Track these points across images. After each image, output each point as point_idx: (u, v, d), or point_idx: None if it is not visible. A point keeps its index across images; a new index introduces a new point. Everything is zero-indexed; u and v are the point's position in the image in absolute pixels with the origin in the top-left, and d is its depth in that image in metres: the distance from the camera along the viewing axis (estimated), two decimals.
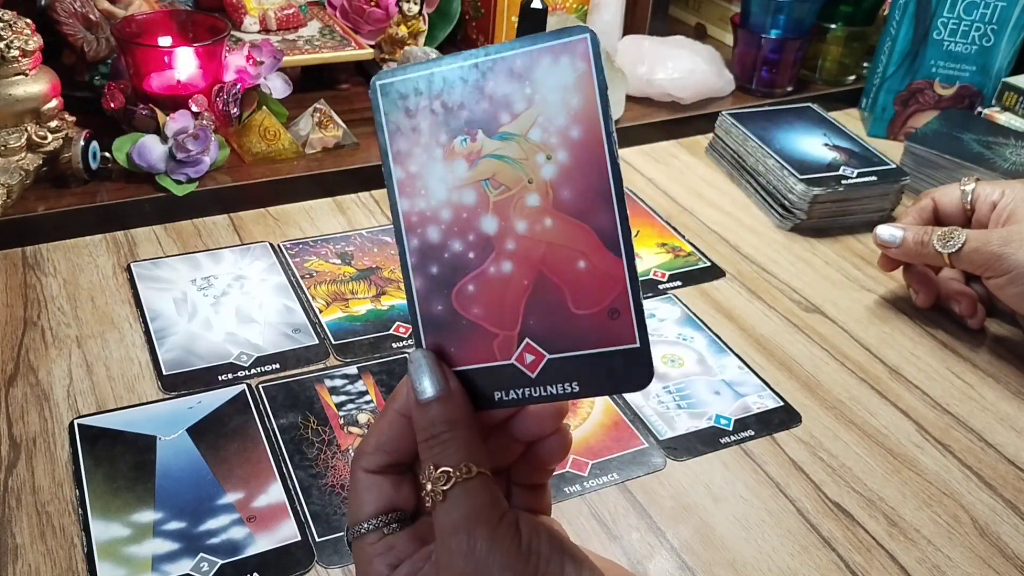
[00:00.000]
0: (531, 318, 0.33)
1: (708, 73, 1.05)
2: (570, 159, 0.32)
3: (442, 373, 0.34)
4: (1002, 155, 0.89)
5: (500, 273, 0.33)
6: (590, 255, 0.32)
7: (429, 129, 0.33)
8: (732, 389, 0.65)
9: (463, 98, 0.33)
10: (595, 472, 0.57)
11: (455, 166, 0.33)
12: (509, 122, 0.32)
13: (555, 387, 0.33)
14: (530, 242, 0.33)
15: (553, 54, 0.31)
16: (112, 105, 0.83)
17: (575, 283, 0.33)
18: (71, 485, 0.53)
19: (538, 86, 0.32)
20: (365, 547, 0.35)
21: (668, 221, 0.85)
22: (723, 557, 0.52)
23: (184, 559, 0.49)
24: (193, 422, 0.58)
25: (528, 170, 0.32)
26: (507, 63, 0.32)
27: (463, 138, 0.33)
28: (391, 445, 0.36)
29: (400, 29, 1.04)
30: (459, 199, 0.33)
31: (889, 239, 0.72)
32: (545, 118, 0.32)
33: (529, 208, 0.33)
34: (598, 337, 0.32)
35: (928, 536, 0.54)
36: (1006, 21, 0.96)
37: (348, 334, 0.67)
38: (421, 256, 0.34)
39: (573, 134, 0.32)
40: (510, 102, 0.32)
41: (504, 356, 0.34)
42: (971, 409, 0.65)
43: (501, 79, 0.32)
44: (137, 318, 0.67)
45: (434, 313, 0.34)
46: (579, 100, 0.31)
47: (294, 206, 0.82)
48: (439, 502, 0.32)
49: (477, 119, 0.33)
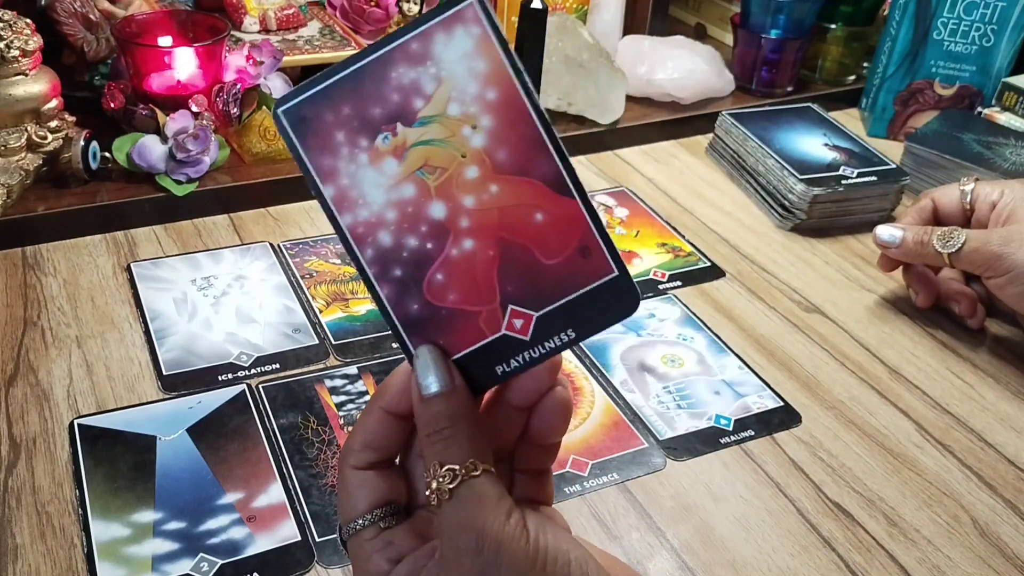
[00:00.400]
0: (507, 285, 0.33)
1: (708, 73, 1.05)
2: (495, 122, 0.32)
3: (447, 369, 0.34)
4: (1002, 155, 0.89)
5: (463, 252, 0.33)
6: (544, 205, 0.32)
7: (347, 138, 0.33)
8: (732, 389, 0.65)
9: (371, 97, 0.32)
10: (595, 472, 0.57)
11: (385, 165, 0.33)
12: (424, 106, 0.32)
13: (552, 340, 0.33)
14: (482, 213, 0.33)
15: (445, 28, 0.31)
16: (112, 105, 0.83)
17: (538, 236, 0.32)
18: (71, 485, 0.53)
19: (441, 62, 0.31)
20: (362, 543, 0.35)
21: (668, 221, 0.85)
22: (723, 557, 0.52)
23: (184, 559, 0.49)
24: (193, 422, 0.58)
25: (458, 146, 0.32)
26: (403, 50, 0.31)
27: (384, 136, 0.32)
28: (378, 442, 0.35)
29: None
30: (399, 196, 0.33)
31: (889, 239, 0.72)
32: (458, 91, 0.31)
33: (471, 181, 0.32)
34: (577, 279, 0.33)
35: (928, 536, 0.54)
36: (1006, 21, 0.96)
37: (348, 334, 0.67)
38: (380, 264, 0.34)
39: (490, 97, 0.31)
40: (419, 86, 0.32)
41: (493, 330, 0.34)
42: (971, 409, 0.65)
43: (403, 67, 0.32)
44: (137, 318, 0.67)
45: (411, 314, 0.34)
46: (485, 63, 0.31)
47: (294, 206, 0.82)
48: (445, 500, 0.32)
49: (392, 113, 0.32)
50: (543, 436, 0.36)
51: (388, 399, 0.35)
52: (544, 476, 0.38)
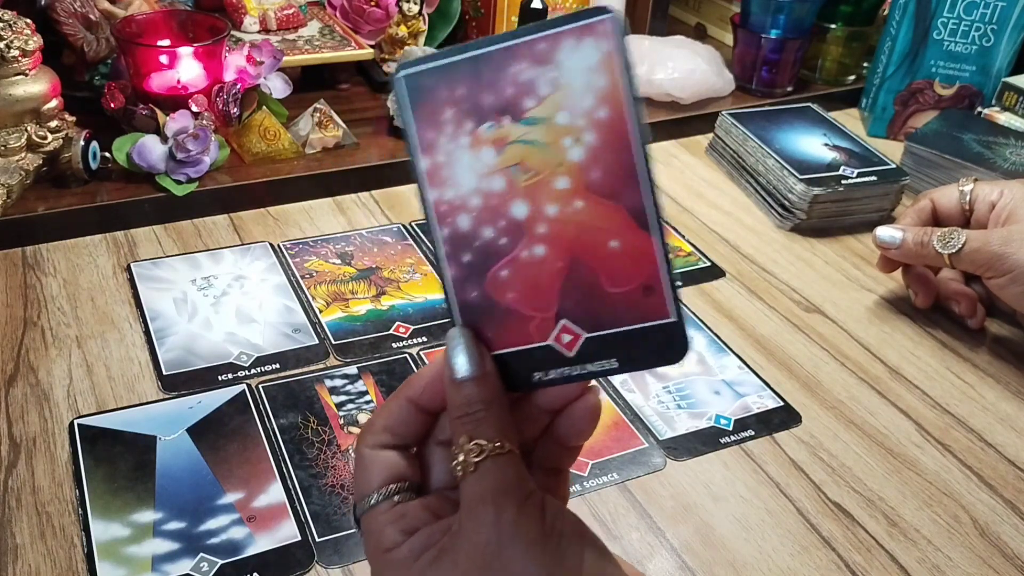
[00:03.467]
0: (566, 299, 0.33)
1: (708, 73, 1.05)
2: (598, 140, 0.32)
3: (479, 352, 0.34)
4: (1002, 155, 0.89)
5: (533, 257, 0.33)
6: (622, 234, 0.32)
7: (455, 118, 0.33)
8: (732, 389, 0.65)
9: (488, 85, 0.33)
10: (595, 472, 0.57)
11: (483, 153, 0.33)
12: (535, 106, 0.32)
13: (593, 365, 0.34)
14: (562, 224, 0.33)
15: (576, 36, 0.31)
16: (112, 105, 0.83)
17: (608, 262, 0.33)
18: (71, 485, 0.53)
19: (562, 69, 0.31)
20: (376, 516, 0.35)
21: (668, 221, 0.85)
22: (723, 557, 0.52)
23: (184, 559, 0.49)
24: (193, 422, 0.58)
25: (557, 153, 0.32)
26: (530, 47, 0.32)
27: (490, 125, 0.33)
28: (399, 428, 0.36)
29: (400, 29, 1.04)
30: (488, 186, 0.33)
31: (889, 240, 0.72)
32: (571, 101, 0.32)
33: (559, 191, 0.33)
34: (633, 314, 0.33)
35: (928, 536, 0.54)
36: (1006, 21, 0.96)
37: (348, 334, 0.67)
38: (453, 245, 0.34)
39: (600, 115, 0.31)
40: (535, 86, 0.32)
41: (541, 337, 0.34)
42: (971, 409, 0.65)
43: (525, 64, 0.32)
44: (137, 318, 0.67)
45: (469, 300, 0.35)
46: (604, 81, 0.31)
47: (294, 206, 0.82)
48: (470, 472, 0.32)
49: (503, 105, 0.32)
50: (569, 439, 0.36)
51: (415, 389, 0.36)
52: (562, 475, 0.38)
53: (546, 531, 0.32)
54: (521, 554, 0.31)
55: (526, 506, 0.32)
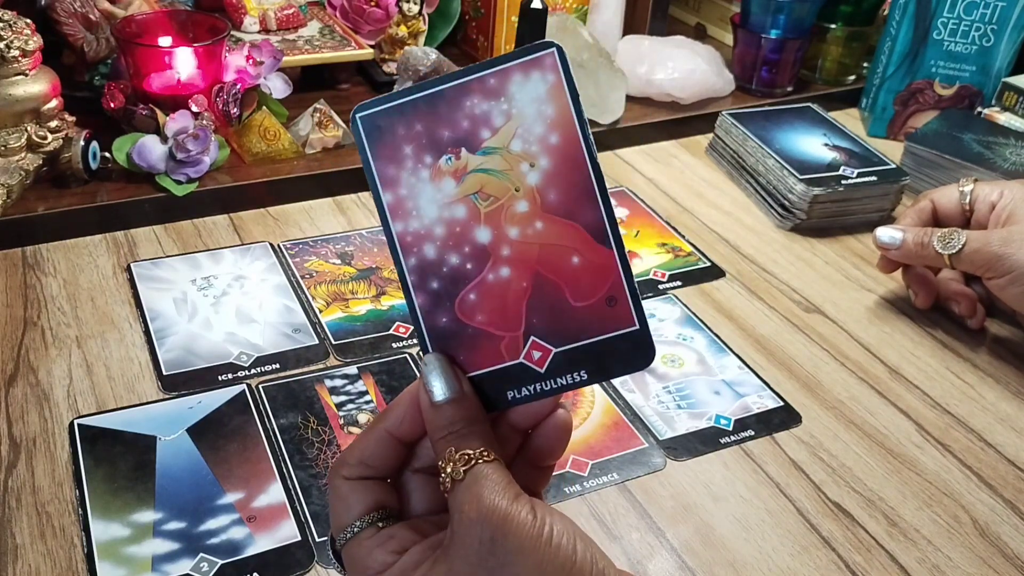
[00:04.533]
0: (534, 316, 0.35)
1: (708, 73, 1.05)
2: (552, 164, 0.34)
3: (455, 375, 0.35)
4: (1002, 155, 0.89)
5: (499, 279, 0.35)
6: (582, 250, 0.34)
7: (413, 153, 0.35)
8: (732, 389, 0.65)
9: (443, 120, 0.35)
10: (595, 472, 0.57)
11: (443, 184, 0.35)
12: (490, 137, 0.34)
13: (564, 378, 0.35)
14: (524, 246, 0.35)
15: (523, 70, 0.33)
16: (112, 105, 0.83)
17: (571, 278, 0.34)
18: (71, 485, 0.53)
19: (514, 100, 0.34)
20: (361, 544, 0.35)
21: (668, 221, 0.85)
22: (723, 557, 0.52)
23: (184, 559, 0.49)
24: (193, 422, 0.58)
25: (514, 179, 0.34)
26: (481, 83, 0.34)
27: (448, 157, 0.35)
28: (375, 461, 0.36)
29: (400, 29, 1.04)
30: (451, 215, 0.35)
31: (889, 241, 0.72)
32: (524, 129, 0.34)
33: (519, 214, 0.34)
34: (599, 325, 0.34)
35: (928, 536, 0.54)
36: (1006, 21, 0.96)
37: (348, 334, 0.67)
38: (420, 274, 0.36)
39: (552, 140, 0.34)
40: (489, 118, 0.34)
41: (512, 356, 0.35)
42: (971, 409, 0.65)
43: (477, 98, 0.34)
44: (137, 318, 0.67)
45: (439, 326, 0.36)
46: (554, 109, 0.33)
47: (294, 206, 0.82)
48: (458, 481, 0.33)
49: (459, 138, 0.34)
50: (541, 457, 0.37)
51: (392, 421, 0.36)
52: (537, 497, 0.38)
53: (538, 529, 0.32)
54: (514, 552, 0.31)
55: (515, 505, 0.32)
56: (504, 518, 0.32)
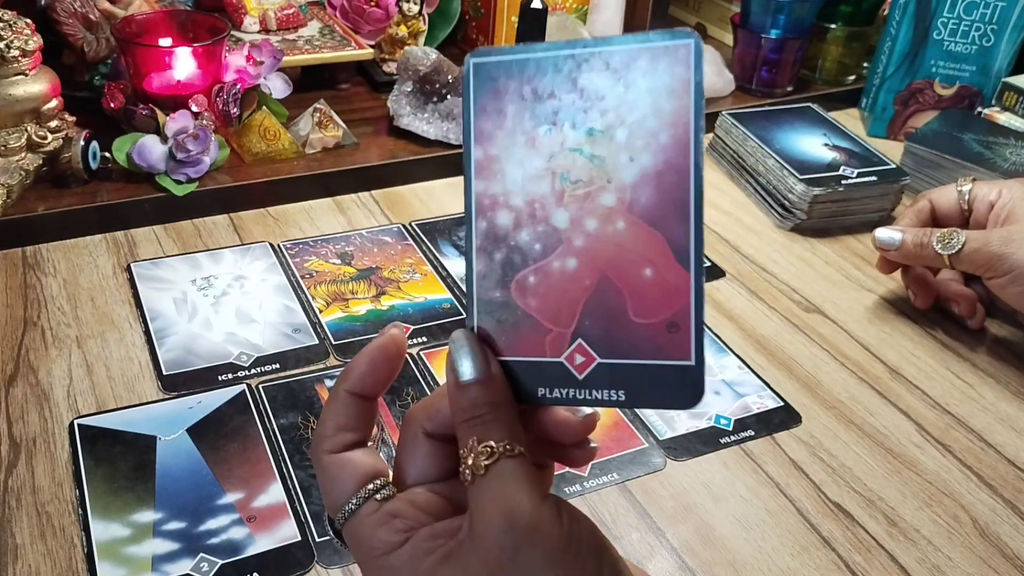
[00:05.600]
0: (587, 319, 0.33)
1: (708, 73, 1.05)
2: (653, 164, 0.31)
3: (483, 355, 0.33)
4: (1002, 155, 0.89)
5: (564, 269, 0.33)
6: (658, 264, 0.31)
7: (516, 114, 0.33)
8: (732, 389, 0.65)
9: (554, 87, 0.32)
10: (595, 472, 0.57)
11: (536, 154, 0.33)
12: (598, 118, 0.32)
13: (601, 392, 0.33)
14: (599, 242, 0.32)
15: (653, 55, 0.31)
16: (112, 105, 0.83)
17: (638, 290, 0.32)
18: (71, 485, 0.53)
19: (632, 85, 0.31)
20: (363, 521, 0.33)
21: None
22: (723, 557, 0.52)
23: (184, 559, 0.49)
24: (193, 422, 0.58)
25: (609, 169, 0.32)
26: (604, 58, 0.31)
27: (548, 127, 0.32)
28: (350, 424, 0.35)
29: (400, 29, 1.04)
30: (535, 188, 0.33)
31: (888, 242, 0.72)
32: (635, 119, 0.31)
33: (604, 208, 0.32)
34: (653, 349, 0.32)
35: (928, 536, 0.54)
36: (1006, 21, 0.96)
37: (348, 334, 0.67)
38: (487, 239, 0.34)
39: (661, 139, 0.31)
40: (602, 97, 0.31)
41: (554, 353, 0.33)
42: (971, 409, 0.65)
43: (595, 74, 0.31)
44: (137, 318, 0.67)
45: (491, 298, 0.34)
46: (673, 106, 0.31)
47: (294, 206, 0.82)
48: (480, 476, 0.31)
49: (565, 110, 0.32)
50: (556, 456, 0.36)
51: (352, 381, 0.35)
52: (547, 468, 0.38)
53: (564, 537, 0.31)
54: (539, 561, 0.30)
55: (542, 508, 0.31)
56: (530, 527, 0.30)
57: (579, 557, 0.31)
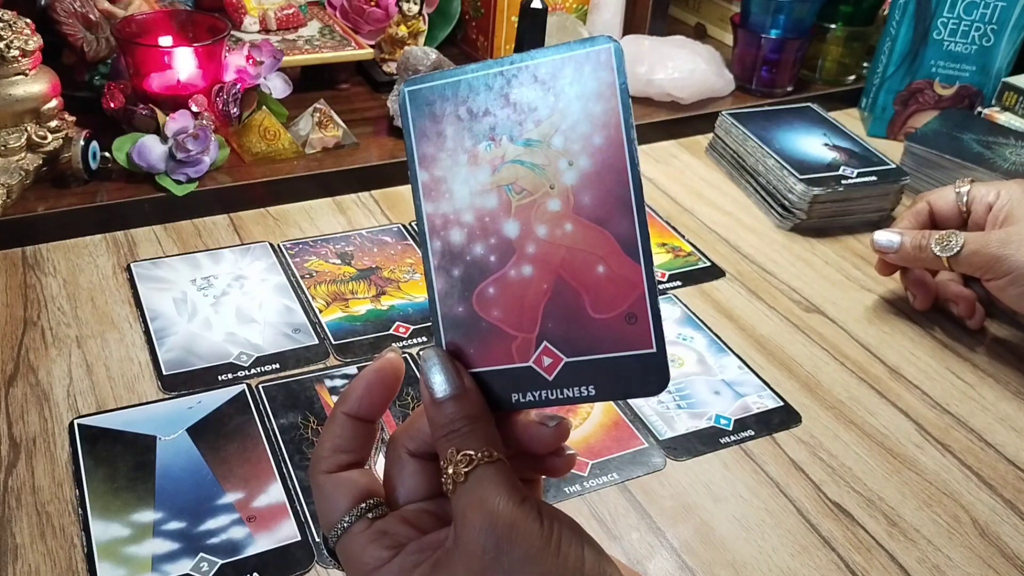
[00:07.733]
0: (550, 321, 0.34)
1: (708, 73, 1.05)
2: (591, 166, 0.32)
3: (455, 371, 0.34)
4: (1002, 155, 0.89)
5: (520, 276, 0.34)
6: (609, 260, 0.33)
7: (454, 134, 0.34)
8: (732, 389, 0.65)
9: (488, 105, 0.33)
10: (595, 472, 0.57)
11: (479, 171, 0.34)
12: (533, 129, 0.33)
13: (571, 390, 0.34)
14: (550, 246, 0.33)
15: (577, 63, 0.32)
16: (112, 105, 0.83)
17: (594, 287, 0.33)
18: (71, 485, 0.53)
19: (562, 94, 0.32)
20: (354, 538, 0.34)
21: (668, 221, 0.85)
22: (723, 557, 0.52)
23: (184, 559, 0.49)
24: (193, 422, 0.58)
25: (550, 176, 0.33)
26: (532, 71, 0.33)
27: (487, 144, 0.34)
28: (347, 445, 0.36)
29: (400, 29, 1.04)
30: (482, 203, 0.34)
31: (887, 245, 0.72)
32: (568, 125, 0.32)
33: (550, 213, 0.33)
34: (615, 341, 0.33)
35: (928, 536, 0.54)
36: (1006, 21, 0.96)
37: (348, 334, 0.67)
38: (444, 258, 0.35)
39: (595, 141, 0.32)
40: (534, 109, 0.33)
41: (522, 358, 0.34)
42: (971, 409, 0.65)
43: (526, 87, 0.33)
44: (137, 318, 0.67)
45: (455, 314, 0.35)
46: (602, 108, 0.32)
47: (294, 206, 0.82)
48: (460, 483, 0.32)
49: (502, 125, 0.33)
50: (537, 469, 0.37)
51: (349, 404, 0.35)
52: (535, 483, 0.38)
53: (544, 536, 0.31)
54: (521, 561, 0.31)
55: (521, 509, 0.31)
56: (510, 525, 0.31)
57: (560, 554, 0.31)
